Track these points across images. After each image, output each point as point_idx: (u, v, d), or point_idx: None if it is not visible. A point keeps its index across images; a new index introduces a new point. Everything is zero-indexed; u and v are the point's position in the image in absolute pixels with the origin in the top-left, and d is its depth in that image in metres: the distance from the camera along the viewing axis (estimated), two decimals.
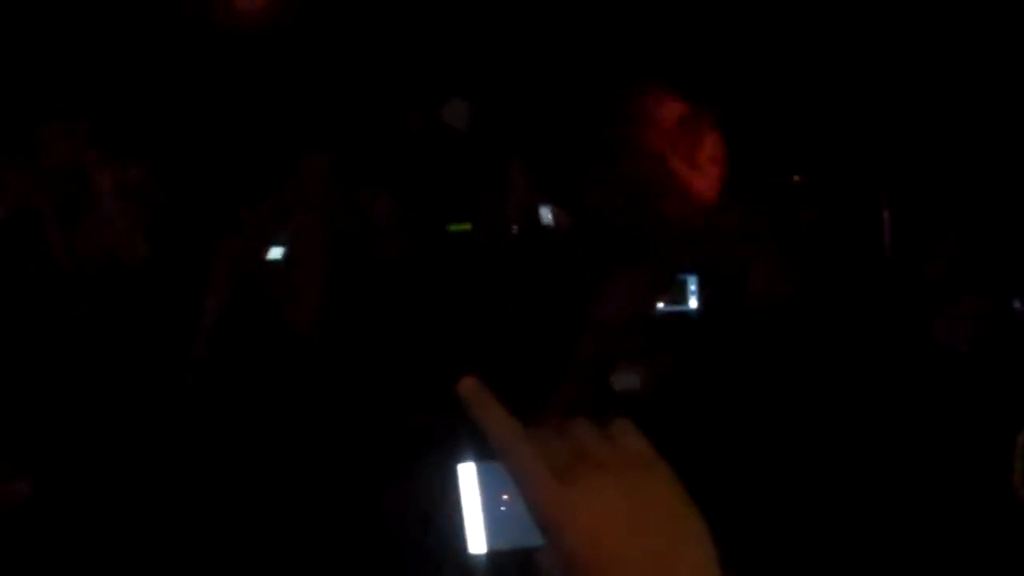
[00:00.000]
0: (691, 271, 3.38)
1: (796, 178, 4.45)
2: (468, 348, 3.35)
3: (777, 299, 3.34)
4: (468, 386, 0.95)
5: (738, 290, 3.34)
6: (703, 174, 4.47)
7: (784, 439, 3.01)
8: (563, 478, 0.90)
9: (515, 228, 4.30)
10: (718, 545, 0.90)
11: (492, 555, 1.01)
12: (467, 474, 1.02)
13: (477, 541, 1.01)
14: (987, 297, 3.55)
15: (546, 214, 4.63)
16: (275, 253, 4.48)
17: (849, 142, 4.64)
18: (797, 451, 2.99)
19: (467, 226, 4.68)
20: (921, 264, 3.52)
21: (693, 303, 3.37)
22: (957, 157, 4.33)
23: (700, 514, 0.91)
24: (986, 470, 2.62)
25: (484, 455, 0.99)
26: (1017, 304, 3.69)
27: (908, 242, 4.04)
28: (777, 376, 3.16)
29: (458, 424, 1.00)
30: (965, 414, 2.95)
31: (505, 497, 1.02)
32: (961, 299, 3.55)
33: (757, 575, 2.72)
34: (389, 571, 2.82)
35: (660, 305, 3.32)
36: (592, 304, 3.09)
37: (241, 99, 8.22)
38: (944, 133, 4.53)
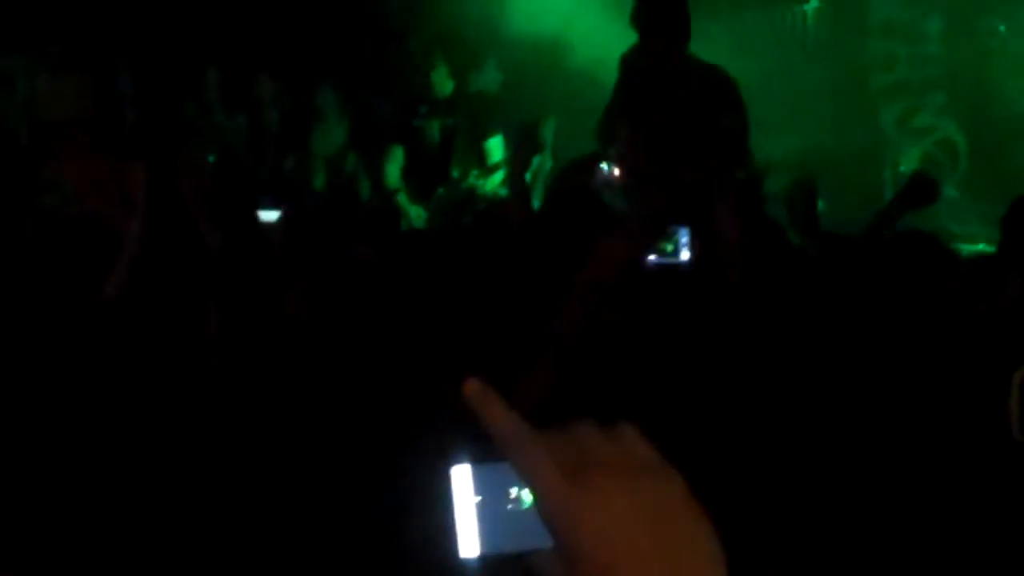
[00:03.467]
0: (682, 223, 3.36)
1: None
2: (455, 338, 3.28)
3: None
4: (473, 387, 0.95)
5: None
6: None
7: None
8: (573, 479, 0.91)
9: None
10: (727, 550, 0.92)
11: (484, 559, 1.00)
12: (460, 476, 1.01)
13: (469, 545, 1.00)
14: None
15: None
16: (270, 216, 4.32)
17: None
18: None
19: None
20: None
21: (685, 255, 3.35)
22: None
23: (710, 519, 0.93)
24: (983, 413, 2.61)
25: (478, 457, 0.99)
26: None
27: None
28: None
29: (453, 424, 1.03)
30: (959, 356, 2.94)
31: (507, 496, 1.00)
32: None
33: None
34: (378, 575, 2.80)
35: (652, 258, 3.29)
36: (577, 265, 3.05)
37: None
38: None
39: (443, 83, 7.98)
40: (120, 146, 4.12)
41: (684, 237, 3.34)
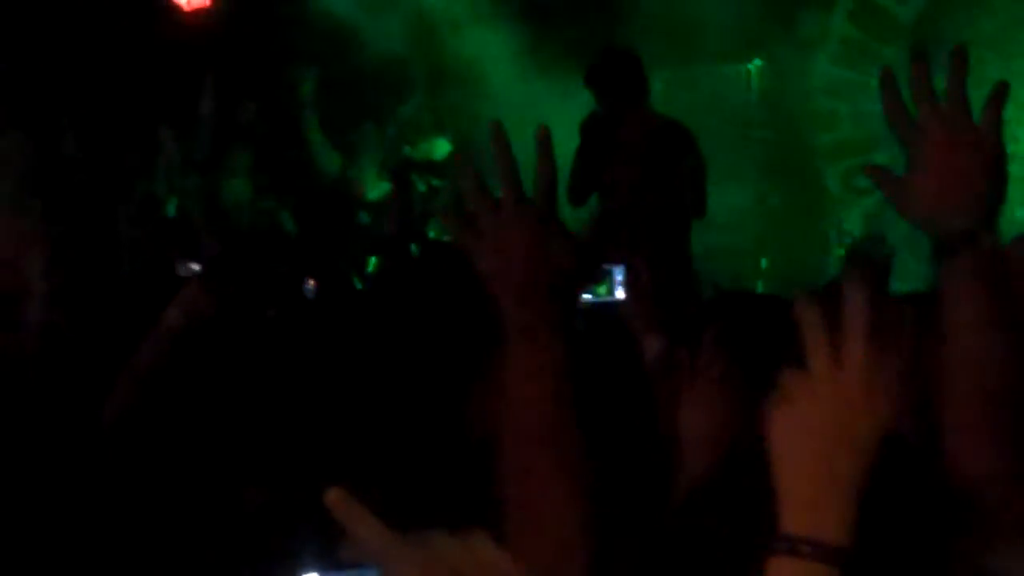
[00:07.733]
0: (617, 262, 3.32)
1: None
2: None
3: None
4: (336, 498, 0.98)
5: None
6: None
7: None
8: None
9: None
10: None
11: None
12: None
13: None
14: None
15: None
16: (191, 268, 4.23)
17: None
18: None
19: None
20: None
21: (620, 294, 3.31)
22: None
23: None
24: None
25: (326, 566, 1.12)
26: None
27: None
28: None
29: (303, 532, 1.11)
30: None
31: None
32: None
33: None
34: None
35: (587, 296, 3.25)
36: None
37: None
38: None
39: (440, 145, 8.09)
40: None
41: (619, 276, 3.30)
